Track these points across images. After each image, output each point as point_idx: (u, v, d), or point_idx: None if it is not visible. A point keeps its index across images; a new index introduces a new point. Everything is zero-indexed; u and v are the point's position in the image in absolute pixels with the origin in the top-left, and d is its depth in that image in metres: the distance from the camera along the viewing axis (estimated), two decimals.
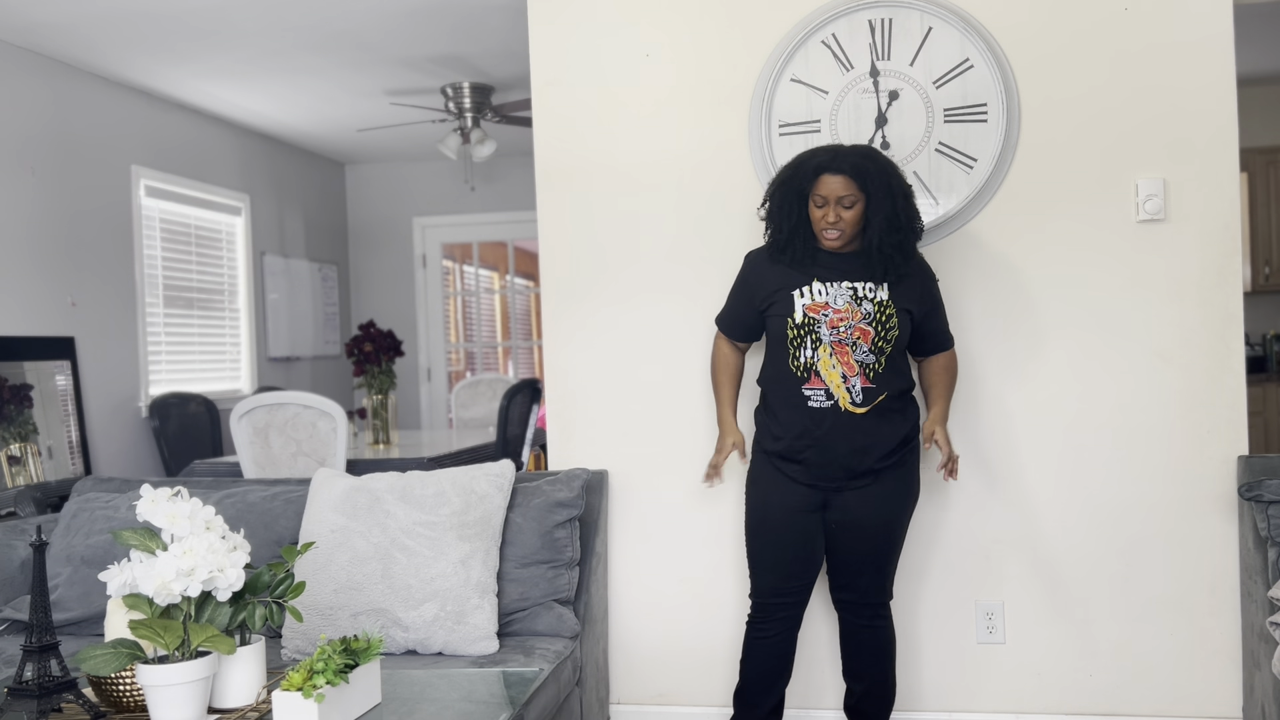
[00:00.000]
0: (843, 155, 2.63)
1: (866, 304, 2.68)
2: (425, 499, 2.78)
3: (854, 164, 2.62)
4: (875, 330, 2.67)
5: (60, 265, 5.19)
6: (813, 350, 2.68)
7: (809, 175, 2.65)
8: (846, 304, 2.68)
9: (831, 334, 2.67)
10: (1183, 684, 3.03)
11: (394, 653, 2.66)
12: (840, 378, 2.67)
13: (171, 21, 4.72)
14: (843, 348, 2.67)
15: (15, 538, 3.15)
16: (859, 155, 2.64)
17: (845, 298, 2.68)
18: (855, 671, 2.87)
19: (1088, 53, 3.03)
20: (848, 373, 2.67)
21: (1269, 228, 6.34)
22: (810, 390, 2.69)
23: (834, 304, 2.68)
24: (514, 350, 8.44)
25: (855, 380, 2.67)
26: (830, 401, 2.67)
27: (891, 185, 2.64)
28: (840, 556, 2.79)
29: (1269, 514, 2.69)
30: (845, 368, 2.67)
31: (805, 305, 2.69)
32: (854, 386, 2.67)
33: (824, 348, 2.67)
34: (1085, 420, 3.06)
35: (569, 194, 3.31)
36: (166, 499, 2.02)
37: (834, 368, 2.67)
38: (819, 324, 2.68)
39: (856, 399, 2.67)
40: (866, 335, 2.67)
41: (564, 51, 3.30)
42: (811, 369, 2.68)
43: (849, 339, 2.67)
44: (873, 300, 2.69)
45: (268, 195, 7.22)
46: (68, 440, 5.14)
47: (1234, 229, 2.99)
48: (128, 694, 2.03)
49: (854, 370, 2.67)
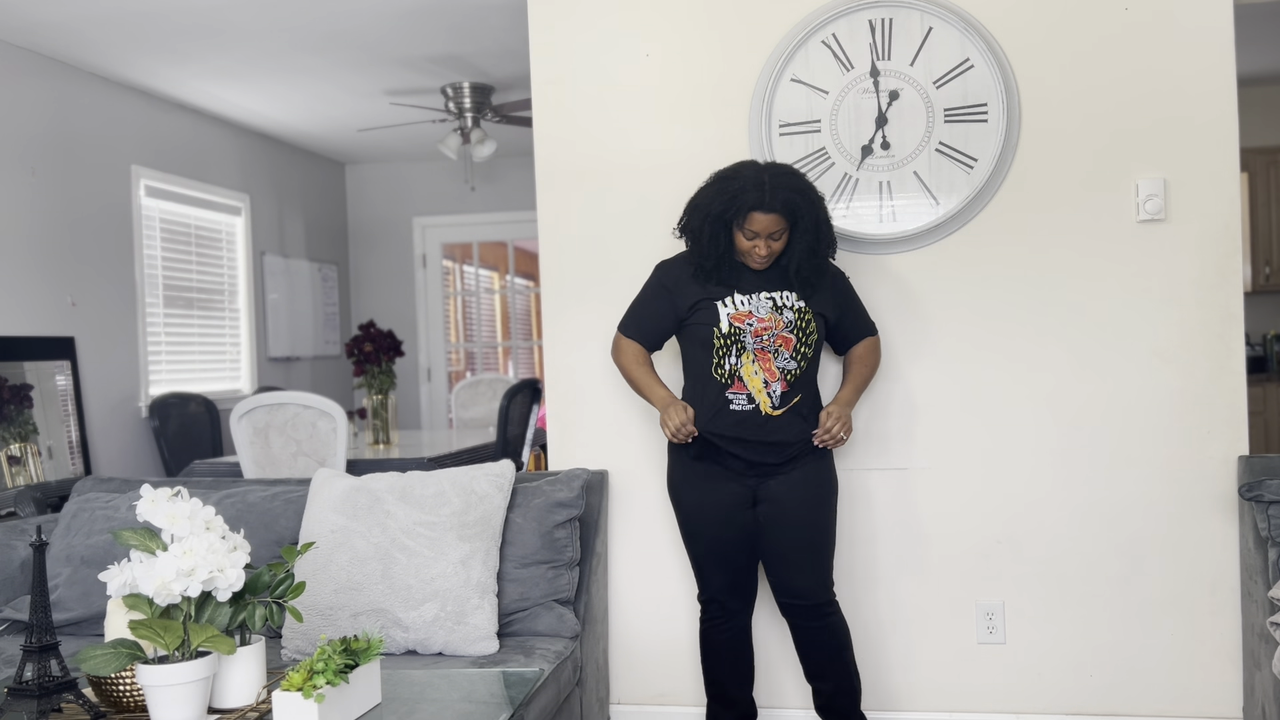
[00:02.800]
0: (774, 191, 2.67)
1: (787, 312, 2.78)
2: (425, 499, 2.78)
3: (785, 200, 2.67)
4: (797, 337, 2.78)
5: (60, 265, 5.19)
6: (736, 357, 2.76)
7: (741, 209, 2.69)
8: (769, 314, 2.77)
9: (755, 342, 2.76)
10: (1183, 684, 3.03)
11: (394, 653, 2.66)
12: (761, 383, 2.76)
13: (171, 21, 4.72)
14: (765, 354, 2.76)
15: (15, 538, 3.15)
16: (788, 190, 2.68)
17: (766, 308, 2.77)
18: (817, 672, 2.90)
19: (1088, 52, 3.03)
20: (769, 378, 2.77)
21: (1269, 228, 6.34)
22: (733, 394, 2.78)
23: (757, 313, 2.77)
24: (514, 350, 8.44)
25: (776, 385, 2.77)
26: (751, 405, 2.77)
27: (818, 215, 2.74)
28: (775, 550, 2.84)
29: (1269, 514, 2.69)
30: (767, 374, 2.77)
31: (730, 315, 2.77)
32: (774, 391, 2.77)
33: (747, 354, 2.76)
34: (1086, 420, 3.06)
35: (569, 194, 3.31)
36: (166, 499, 2.02)
37: (756, 374, 2.76)
38: (744, 333, 2.77)
39: (775, 402, 2.77)
40: (789, 342, 2.78)
41: (564, 51, 3.30)
42: (735, 374, 2.77)
43: (771, 346, 2.76)
44: (792, 309, 2.79)
45: (268, 195, 7.22)
46: (68, 440, 5.14)
47: (1234, 229, 2.99)
48: (128, 694, 2.03)
49: (775, 376, 2.77)
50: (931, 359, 3.13)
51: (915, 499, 3.15)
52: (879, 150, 3.11)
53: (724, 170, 2.79)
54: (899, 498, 3.14)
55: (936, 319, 3.12)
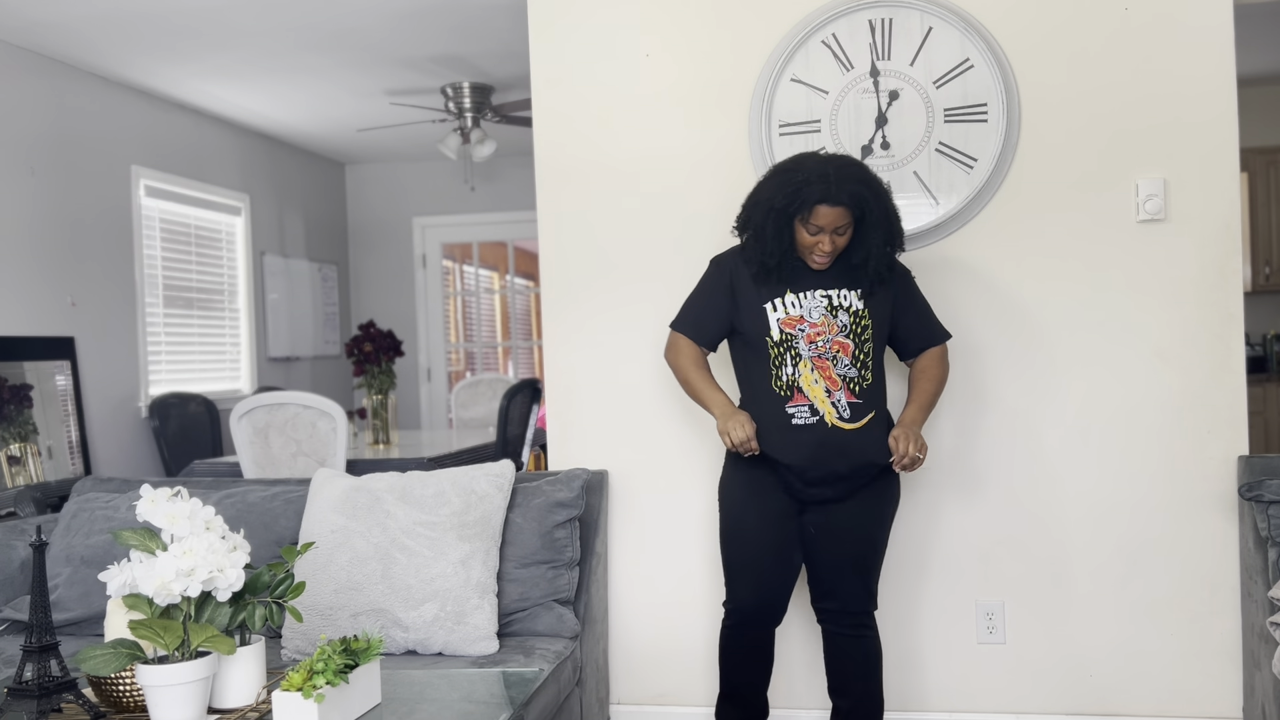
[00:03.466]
0: (840, 184, 2.52)
1: (842, 314, 2.63)
2: (425, 499, 2.78)
3: (852, 193, 2.53)
4: (854, 342, 2.63)
5: (60, 265, 5.19)
6: (794, 366, 2.62)
7: (807, 202, 2.54)
8: (822, 317, 2.62)
9: (810, 349, 2.62)
10: (1183, 684, 3.03)
11: (394, 653, 2.66)
12: (824, 392, 2.61)
13: (171, 21, 4.72)
14: (823, 362, 2.61)
15: (15, 538, 3.15)
16: (855, 182, 2.54)
17: (820, 309, 2.63)
18: (841, 687, 2.77)
19: (1088, 52, 3.03)
20: (831, 387, 2.61)
21: (1269, 228, 6.34)
22: (794, 408, 2.62)
23: (809, 317, 2.62)
24: (514, 350, 8.44)
25: (840, 395, 2.61)
26: (815, 417, 2.61)
27: (888, 210, 2.60)
28: (820, 563, 2.71)
29: (1269, 514, 2.69)
30: (828, 382, 2.61)
31: (780, 320, 2.64)
32: (839, 401, 2.61)
33: (804, 363, 2.62)
34: (1085, 420, 3.06)
35: (569, 194, 3.31)
36: (166, 499, 2.02)
37: (816, 383, 2.61)
38: (796, 339, 2.62)
39: (844, 414, 2.61)
40: (846, 348, 2.63)
41: (564, 51, 3.30)
42: (794, 386, 2.62)
43: (829, 353, 2.61)
44: (848, 310, 2.63)
45: (268, 195, 7.22)
46: (68, 440, 5.14)
47: (1234, 229, 2.99)
48: (128, 694, 2.03)
49: (837, 385, 2.61)
50: None
51: (916, 499, 3.14)
52: (879, 150, 3.11)
53: (784, 163, 2.64)
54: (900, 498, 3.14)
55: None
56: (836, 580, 2.71)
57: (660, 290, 3.24)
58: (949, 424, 3.12)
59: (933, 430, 3.13)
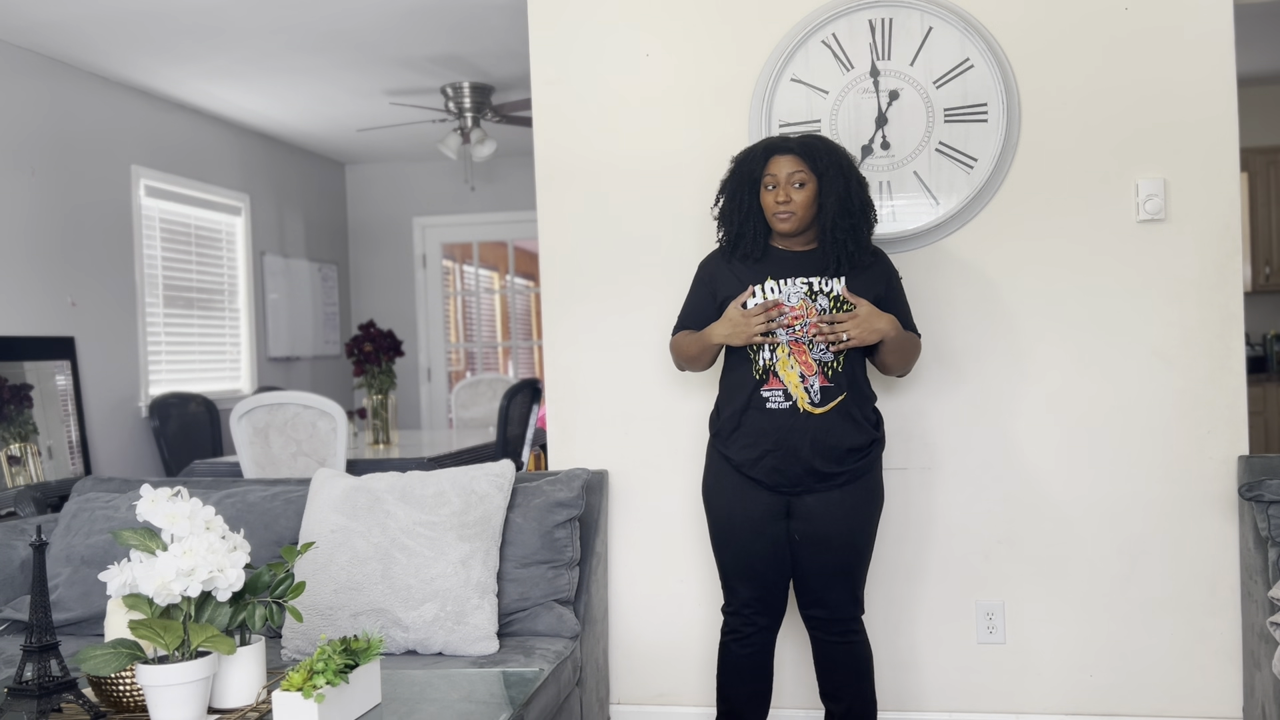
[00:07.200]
0: (790, 138, 2.68)
1: (822, 299, 2.64)
2: (425, 499, 2.78)
3: (802, 142, 2.65)
4: None
5: (60, 265, 5.19)
6: (770, 351, 2.65)
7: (759, 157, 2.65)
8: (801, 301, 2.64)
9: (787, 334, 2.64)
10: (1183, 684, 3.03)
11: (394, 653, 2.66)
12: (798, 377, 2.64)
13: (171, 21, 4.72)
14: (800, 347, 2.64)
15: (15, 538, 3.15)
16: (808, 135, 2.69)
17: (800, 294, 2.65)
18: (832, 692, 2.77)
19: (1088, 53, 3.03)
20: (805, 372, 2.63)
21: (1269, 228, 6.34)
22: (769, 391, 2.65)
23: (789, 302, 2.65)
24: (514, 350, 8.44)
25: (814, 379, 2.63)
26: (789, 402, 2.63)
27: (842, 164, 2.64)
28: (806, 570, 2.71)
29: (1269, 514, 2.69)
30: (803, 367, 2.63)
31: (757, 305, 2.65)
32: (812, 386, 2.63)
33: (781, 348, 2.65)
34: (1085, 420, 3.06)
35: (569, 194, 3.31)
36: (166, 499, 2.02)
37: (792, 368, 2.64)
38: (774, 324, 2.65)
39: (815, 398, 2.63)
40: None
41: (564, 51, 3.30)
42: (770, 370, 2.66)
43: (805, 337, 2.64)
44: (828, 295, 2.65)
45: (268, 195, 7.22)
46: (68, 440, 5.14)
47: (1234, 229, 2.99)
48: (128, 694, 2.03)
49: (812, 369, 2.64)
50: (931, 359, 3.13)
51: (916, 499, 3.15)
52: (879, 150, 3.11)
53: None
54: (899, 497, 3.14)
55: (936, 319, 3.12)
56: (823, 589, 2.72)
57: (661, 290, 3.24)
58: (949, 423, 3.12)
59: (933, 429, 3.13)
